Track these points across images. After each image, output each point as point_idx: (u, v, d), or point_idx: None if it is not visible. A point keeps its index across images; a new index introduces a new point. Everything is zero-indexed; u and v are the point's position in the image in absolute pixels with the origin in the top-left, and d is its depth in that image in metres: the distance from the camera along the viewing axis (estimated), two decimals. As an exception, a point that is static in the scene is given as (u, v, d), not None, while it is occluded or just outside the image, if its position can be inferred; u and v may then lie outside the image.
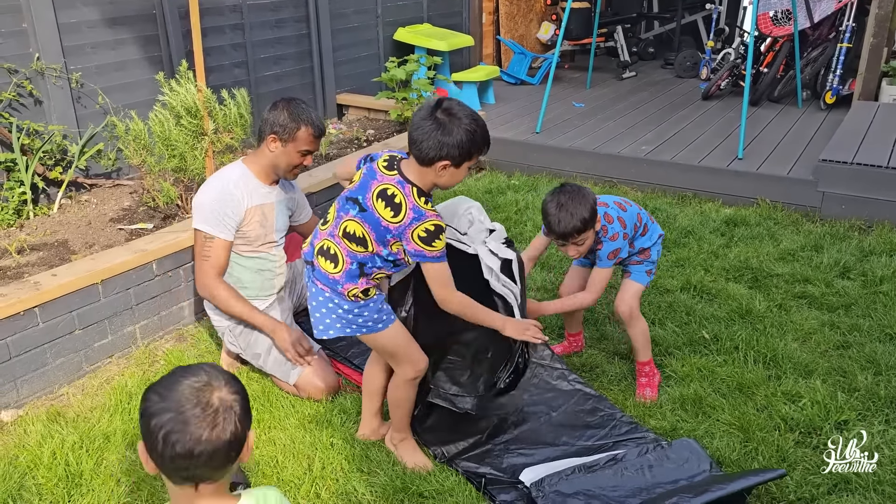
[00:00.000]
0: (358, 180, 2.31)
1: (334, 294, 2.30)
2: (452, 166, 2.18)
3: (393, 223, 2.18)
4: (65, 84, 4.07)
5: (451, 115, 2.15)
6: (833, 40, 6.36)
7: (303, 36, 5.64)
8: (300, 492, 2.38)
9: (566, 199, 2.58)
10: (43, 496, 2.37)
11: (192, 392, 1.24)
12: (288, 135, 2.78)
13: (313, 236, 2.40)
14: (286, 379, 2.88)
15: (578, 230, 2.58)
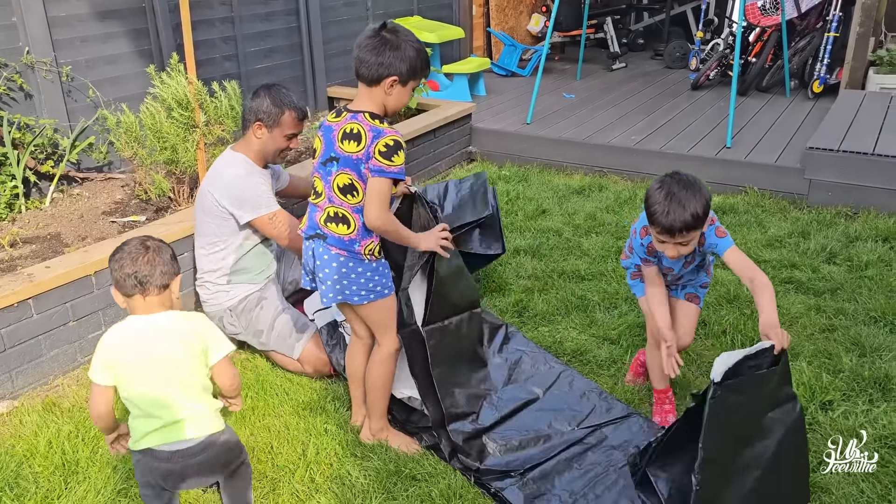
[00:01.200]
0: (321, 146, 2.37)
1: (351, 257, 2.33)
2: (399, 83, 2.26)
3: (359, 151, 2.23)
4: (55, 78, 4.07)
5: (396, 34, 2.26)
6: (820, 30, 6.42)
7: (293, 29, 5.65)
8: (295, 477, 2.42)
9: (678, 189, 2.25)
10: (40, 484, 2.40)
11: (137, 241, 1.94)
12: (272, 120, 2.85)
13: (309, 213, 2.43)
14: (290, 353, 2.92)
15: (688, 226, 2.24)
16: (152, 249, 1.92)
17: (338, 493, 2.35)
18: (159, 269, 1.90)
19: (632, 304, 3.43)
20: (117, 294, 1.92)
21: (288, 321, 2.99)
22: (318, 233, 2.38)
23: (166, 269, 1.91)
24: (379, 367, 2.52)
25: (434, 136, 5.23)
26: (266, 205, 2.89)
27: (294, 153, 4.67)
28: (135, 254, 1.89)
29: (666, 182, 2.29)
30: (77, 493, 2.34)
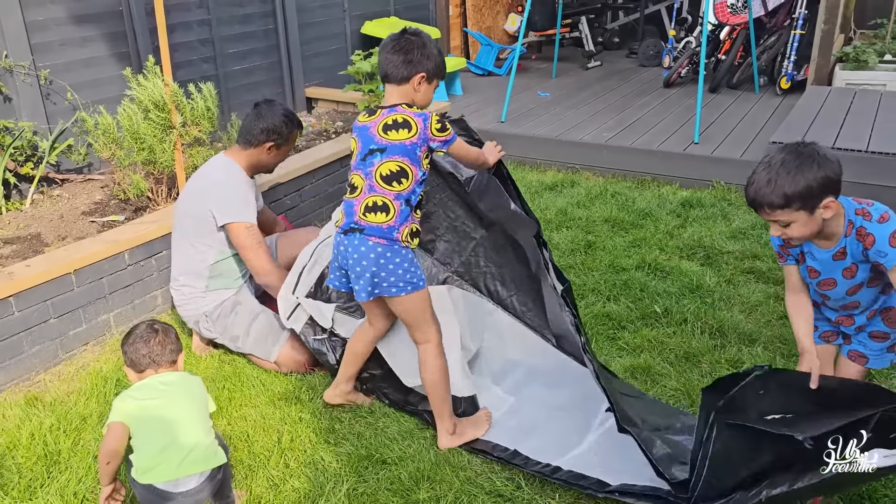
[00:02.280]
0: (357, 145, 2.46)
1: (389, 246, 2.38)
2: (426, 81, 2.42)
3: (413, 137, 2.36)
4: (34, 81, 4.14)
5: (419, 35, 2.42)
6: (788, 27, 6.58)
7: (270, 30, 5.73)
8: (270, 462, 2.52)
9: (782, 158, 1.93)
10: (23, 474, 2.48)
11: (145, 325, 2.22)
12: (283, 140, 3.02)
13: (345, 210, 2.47)
14: (267, 357, 3.01)
15: (771, 204, 1.95)
16: (161, 332, 2.20)
17: (311, 477, 2.45)
18: (168, 347, 2.19)
19: (598, 294, 3.55)
20: (131, 372, 2.19)
21: (264, 326, 3.06)
22: (355, 226, 2.42)
23: (174, 348, 2.21)
24: (433, 367, 2.52)
25: (410, 135, 5.33)
26: (247, 214, 2.96)
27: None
28: (146, 336, 2.18)
29: (782, 149, 1.98)
30: (59, 482, 2.42)
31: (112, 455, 2.07)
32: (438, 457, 2.51)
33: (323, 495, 2.36)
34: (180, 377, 2.19)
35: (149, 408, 2.08)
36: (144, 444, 2.05)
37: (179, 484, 2.02)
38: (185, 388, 2.17)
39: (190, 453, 2.03)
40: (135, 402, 2.09)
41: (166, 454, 2.02)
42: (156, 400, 2.10)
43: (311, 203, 4.47)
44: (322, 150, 4.60)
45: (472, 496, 2.34)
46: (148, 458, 2.03)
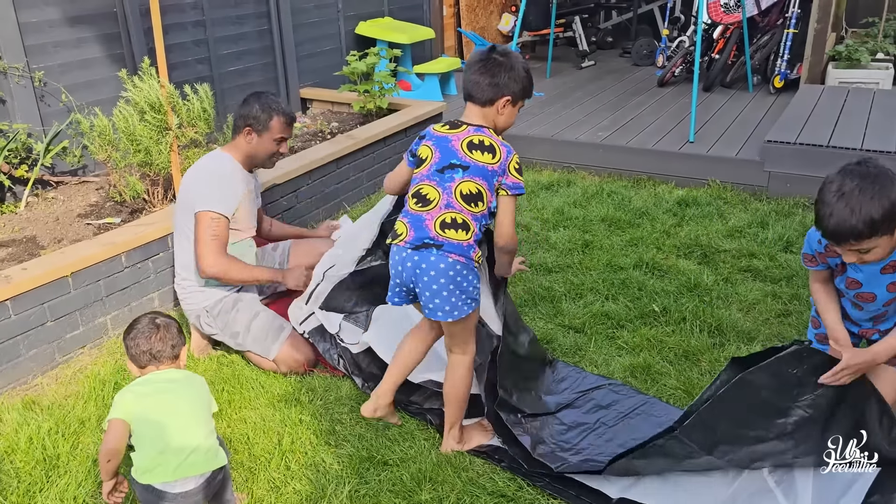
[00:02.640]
0: (434, 154, 2.35)
1: (466, 264, 2.29)
2: (511, 103, 2.36)
3: (495, 164, 2.31)
4: (28, 83, 4.11)
5: (508, 55, 2.35)
6: (781, 26, 6.61)
7: (264, 31, 5.72)
8: (271, 465, 2.51)
9: (854, 184, 1.85)
10: (21, 479, 2.46)
11: (147, 319, 2.21)
12: (262, 126, 3.00)
13: (414, 224, 2.32)
14: (266, 354, 3.00)
15: (857, 234, 1.86)
16: (162, 327, 2.18)
17: (312, 479, 2.44)
18: (170, 343, 2.17)
19: (596, 294, 3.56)
20: (133, 366, 2.19)
21: (264, 323, 3.06)
22: (431, 241, 2.28)
23: (176, 343, 2.20)
24: (463, 378, 2.47)
25: (406, 136, 5.33)
26: (216, 204, 2.93)
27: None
28: (147, 332, 2.16)
29: (845, 173, 1.89)
30: (59, 486, 2.41)
31: (112, 453, 2.05)
32: (440, 458, 2.51)
33: (325, 497, 2.36)
34: (184, 376, 2.18)
35: (150, 406, 2.06)
36: (144, 444, 2.03)
37: (178, 485, 2.01)
38: (189, 387, 2.15)
39: (190, 455, 2.02)
40: (136, 398, 2.07)
41: (166, 455, 2.01)
42: (157, 397, 2.08)
43: (308, 204, 4.46)
44: (318, 151, 4.59)
45: (475, 497, 2.34)
46: (147, 458, 2.02)
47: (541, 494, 2.35)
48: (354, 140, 4.81)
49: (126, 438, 2.05)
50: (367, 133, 4.95)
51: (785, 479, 2.28)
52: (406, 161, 2.53)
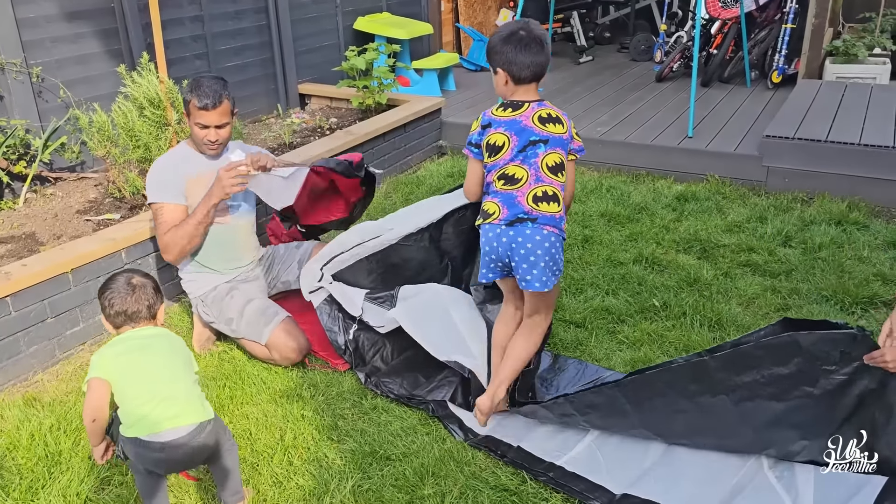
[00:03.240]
0: (511, 138, 2.42)
1: (559, 235, 2.45)
2: None
3: (565, 132, 2.48)
4: (25, 79, 4.09)
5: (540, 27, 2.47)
6: (778, 21, 6.61)
7: (262, 27, 5.70)
8: (273, 460, 2.51)
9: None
10: (24, 475, 2.46)
11: (123, 279, 2.15)
12: (187, 109, 2.95)
13: (507, 202, 2.42)
14: (258, 338, 3.00)
15: None
16: (138, 287, 2.14)
17: (315, 474, 2.44)
18: (146, 303, 2.13)
19: (597, 288, 3.56)
20: (108, 325, 2.15)
21: (257, 309, 3.06)
22: (523, 216, 2.40)
23: (152, 302, 2.15)
24: (538, 342, 2.62)
25: (405, 131, 5.32)
26: (160, 193, 2.99)
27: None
28: (123, 293, 2.11)
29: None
30: (61, 483, 2.41)
31: (96, 411, 2.05)
32: (443, 452, 2.51)
33: (328, 492, 2.36)
34: (161, 332, 2.16)
35: (129, 362, 2.06)
36: (127, 399, 2.03)
37: (165, 435, 2.00)
38: (166, 340, 2.15)
39: (173, 406, 2.02)
40: (114, 356, 2.05)
41: (149, 407, 2.00)
42: (136, 354, 2.08)
43: (307, 200, 4.45)
44: (316, 147, 4.58)
45: (478, 491, 2.34)
46: (131, 412, 2.02)
47: (543, 489, 2.36)
48: (353, 136, 4.80)
49: (107, 396, 2.04)
50: (365, 129, 4.94)
51: (786, 475, 2.30)
52: (472, 156, 2.57)
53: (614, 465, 2.41)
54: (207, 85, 2.89)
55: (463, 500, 2.31)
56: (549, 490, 2.35)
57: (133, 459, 2.07)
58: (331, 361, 3.07)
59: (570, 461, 2.44)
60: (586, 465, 2.41)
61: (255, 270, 3.26)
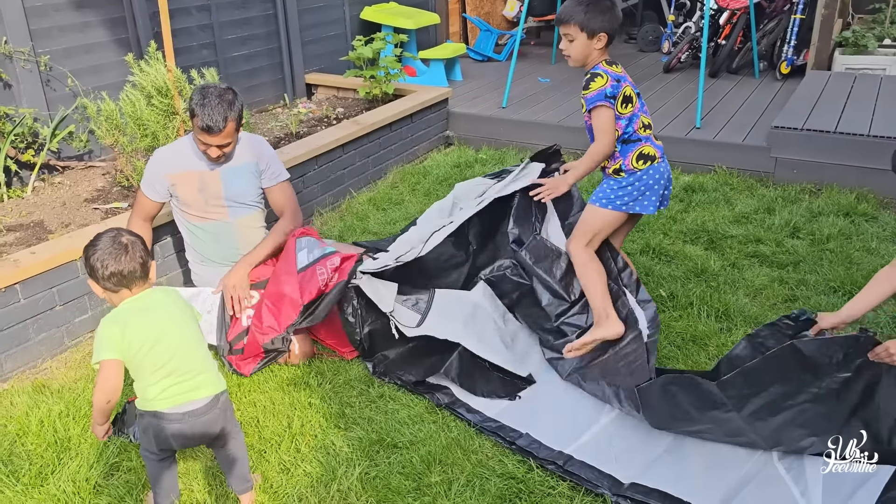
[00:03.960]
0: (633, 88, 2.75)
1: None
2: None
3: None
4: (34, 67, 4.10)
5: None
6: (787, 12, 6.57)
7: (269, 16, 5.69)
8: (281, 447, 2.52)
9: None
10: (33, 460, 2.48)
11: (110, 238, 2.01)
12: (190, 117, 2.87)
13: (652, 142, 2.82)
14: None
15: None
16: (129, 245, 2.01)
17: (322, 461, 2.46)
18: (139, 261, 2.02)
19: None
20: (97, 287, 2.03)
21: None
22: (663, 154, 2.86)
23: (144, 260, 2.04)
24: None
25: (411, 121, 5.32)
26: (144, 185, 3.03)
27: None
28: (115, 253, 1.98)
29: None
30: (70, 468, 2.42)
31: (111, 393, 2.01)
32: (450, 440, 2.52)
33: (335, 479, 2.37)
34: (162, 297, 2.09)
35: (141, 338, 1.99)
36: (145, 375, 2.02)
37: (184, 406, 2.03)
38: (173, 306, 2.09)
39: (192, 378, 2.04)
40: (123, 333, 1.97)
41: (169, 381, 2.02)
42: (146, 328, 2.00)
43: (314, 189, 4.46)
44: (323, 137, 4.58)
45: (485, 479, 2.35)
46: (149, 387, 2.02)
47: (550, 477, 2.36)
48: (360, 125, 4.79)
49: (122, 376, 2.02)
50: (372, 118, 4.94)
51: (794, 466, 2.30)
52: (608, 106, 2.71)
53: (623, 453, 2.41)
54: (215, 105, 2.76)
55: (470, 487, 2.32)
56: (556, 478, 2.36)
57: (147, 437, 2.07)
58: (338, 350, 3.08)
59: (578, 449, 2.44)
60: (595, 454, 2.42)
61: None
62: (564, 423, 2.58)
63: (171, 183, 3.01)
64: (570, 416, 2.61)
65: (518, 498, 2.29)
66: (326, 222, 4.40)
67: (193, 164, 3.01)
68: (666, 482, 2.28)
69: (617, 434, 2.51)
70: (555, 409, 2.66)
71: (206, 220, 3.07)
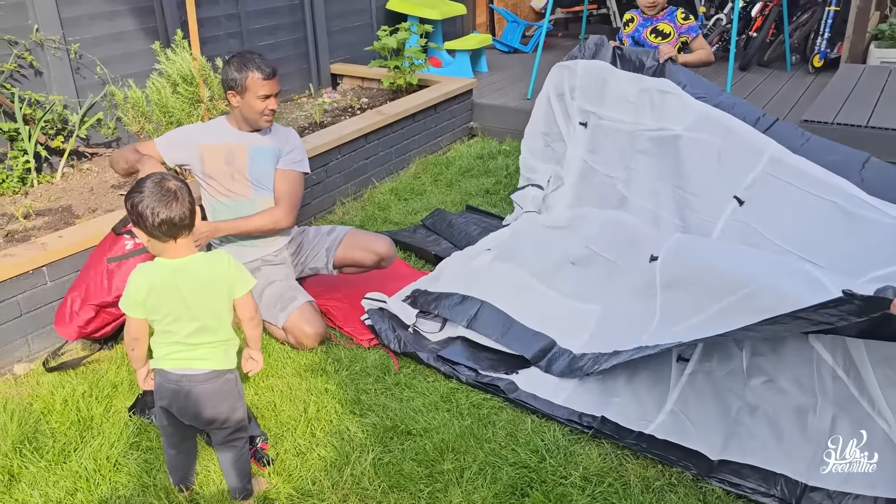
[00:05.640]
0: None
1: None
2: None
3: None
4: (64, 55, 4.18)
5: None
6: (821, 4, 6.43)
7: (296, 6, 5.72)
8: (297, 432, 2.55)
9: None
10: (57, 438, 2.54)
11: (155, 184, 1.93)
12: (240, 87, 2.94)
13: None
14: (275, 321, 3.04)
15: None
16: (178, 190, 1.94)
17: (336, 446, 2.48)
18: (188, 208, 1.95)
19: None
20: (142, 234, 1.97)
21: (275, 291, 3.09)
22: None
23: (193, 207, 1.97)
24: None
25: (435, 112, 5.32)
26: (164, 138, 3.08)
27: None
28: (165, 199, 1.90)
29: None
30: (92, 447, 2.48)
31: (134, 343, 2.09)
32: (463, 429, 2.53)
33: (349, 464, 2.39)
34: (194, 267, 2.01)
35: (163, 301, 1.99)
36: (158, 334, 2.06)
37: (186, 370, 2.05)
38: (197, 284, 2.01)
39: (198, 349, 2.05)
40: (148, 292, 1.97)
41: (178, 347, 2.04)
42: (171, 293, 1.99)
43: (337, 179, 4.49)
44: (347, 127, 4.60)
45: (497, 467, 2.36)
46: (161, 346, 2.06)
47: (562, 465, 2.36)
48: (383, 115, 4.81)
49: (145, 328, 2.07)
50: (396, 109, 4.95)
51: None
52: None
53: (703, 428, 2.40)
54: (259, 58, 2.95)
55: (482, 475, 2.33)
56: (570, 468, 2.35)
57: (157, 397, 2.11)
58: (355, 337, 3.10)
59: (658, 429, 2.44)
60: (676, 432, 2.42)
61: (281, 254, 3.27)
62: (635, 405, 2.56)
63: (199, 153, 3.04)
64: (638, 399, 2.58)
65: (530, 487, 2.29)
66: (348, 211, 4.43)
67: (225, 138, 3.06)
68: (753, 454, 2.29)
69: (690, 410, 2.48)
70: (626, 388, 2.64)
71: (229, 195, 3.09)
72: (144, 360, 2.15)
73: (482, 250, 3.43)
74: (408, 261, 3.80)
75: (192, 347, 2.05)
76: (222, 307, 2.08)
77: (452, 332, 3.05)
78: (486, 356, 2.90)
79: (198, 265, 2.02)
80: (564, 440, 2.48)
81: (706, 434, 2.39)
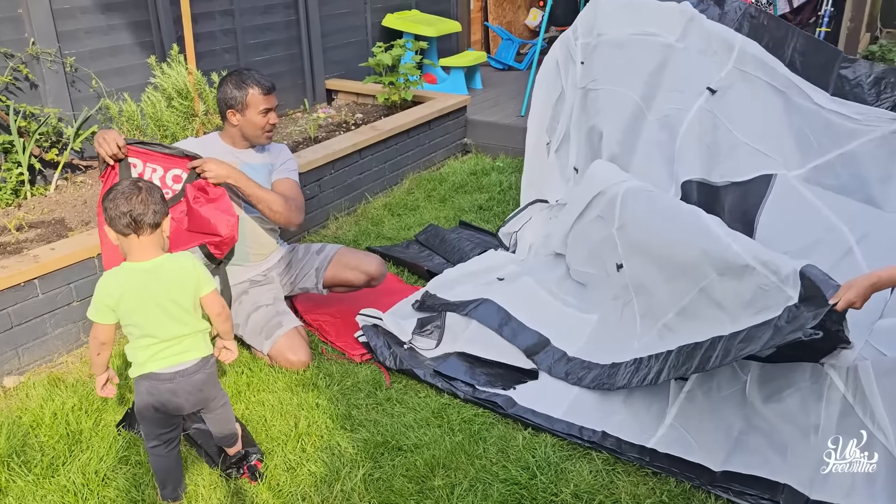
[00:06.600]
0: None
1: None
2: None
3: None
4: (59, 68, 4.19)
5: None
6: (812, 25, 6.51)
7: (292, 22, 5.76)
8: (287, 447, 2.54)
9: None
10: (45, 452, 2.52)
11: (129, 183, 2.06)
12: (241, 104, 2.96)
13: None
14: (260, 348, 3.04)
15: None
16: (145, 190, 2.05)
17: (327, 461, 2.47)
18: (152, 208, 2.04)
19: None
20: (111, 232, 2.07)
21: (261, 318, 3.06)
22: None
23: (158, 209, 2.06)
24: None
25: (429, 128, 5.35)
26: None
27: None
28: (128, 193, 2.02)
29: None
30: (81, 461, 2.47)
31: (101, 347, 2.13)
32: (454, 445, 2.53)
33: (339, 479, 2.39)
34: (161, 266, 2.09)
35: (133, 305, 2.05)
36: (135, 338, 2.11)
37: (175, 367, 2.11)
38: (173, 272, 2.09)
39: (181, 342, 2.12)
40: (118, 298, 2.04)
41: (159, 347, 2.10)
42: (140, 294, 2.05)
43: (330, 193, 4.50)
44: (341, 142, 4.62)
45: (487, 484, 2.36)
46: (140, 351, 2.10)
47: (553, 482, 2.36)
48: (378, 131, 4.83)
49: (112, 332, 2.12)
50: (390, 125, 4.98)
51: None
52: None
53: (704, 443, 2.41)
54: (257, 73, 2.99)
55: (472, 492, 2.33)
56: (560, 485, 2.35)
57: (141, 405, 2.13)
58: (347, 352, 3.10)
59: (659, 442, 2.44)
60: (678, 445, 2.42)
61: (269, 274, 3.26)
62: (634, 420, 2.56)
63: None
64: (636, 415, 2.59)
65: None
66: (342, 226, 4.44)
67: (217, 154, 3.01)
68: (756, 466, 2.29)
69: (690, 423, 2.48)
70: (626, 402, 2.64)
71: None
72: (107, 366, 2.20)
73: (493, 280, 3.47)
74: (401, 276, 3.81)
75: (176, 343, 2.11)
76: (194, 301, 2.15)
77: (449, 348, 3.05)
78: (482, 371, 2.91)
79: (166, 265, 2.11)
80: (556, 456, 2.48)
81: (708, 448, 2.39)
